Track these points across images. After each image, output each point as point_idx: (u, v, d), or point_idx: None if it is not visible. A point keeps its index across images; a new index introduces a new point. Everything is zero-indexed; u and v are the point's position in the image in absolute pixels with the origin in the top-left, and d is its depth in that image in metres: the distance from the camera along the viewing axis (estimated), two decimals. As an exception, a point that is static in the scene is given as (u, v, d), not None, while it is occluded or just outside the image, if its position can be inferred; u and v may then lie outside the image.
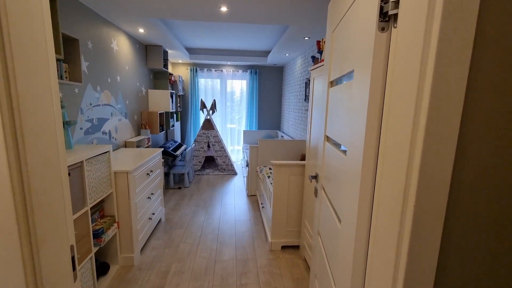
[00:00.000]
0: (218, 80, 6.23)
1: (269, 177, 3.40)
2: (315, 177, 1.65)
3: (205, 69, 6.03)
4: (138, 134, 3.82)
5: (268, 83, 6.32)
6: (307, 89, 4.12)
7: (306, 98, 4.15)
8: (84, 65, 2.42)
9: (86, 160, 1.79)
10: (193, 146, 4.85)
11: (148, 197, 2.74)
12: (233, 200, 4.01)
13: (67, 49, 1.89)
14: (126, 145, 3.36)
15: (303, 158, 3.75)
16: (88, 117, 2.50)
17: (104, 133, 2.81)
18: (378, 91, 0.77)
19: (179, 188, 4.43)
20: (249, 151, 4.09)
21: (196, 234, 2.95)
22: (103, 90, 2.78)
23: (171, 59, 5.50)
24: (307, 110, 4.18)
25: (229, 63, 5.91)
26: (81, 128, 2.39)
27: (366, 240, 0.85)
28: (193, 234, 2.94)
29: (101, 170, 2.02)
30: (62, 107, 1.87)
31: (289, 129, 5.49)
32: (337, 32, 1.27)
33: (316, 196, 1.65)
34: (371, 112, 0.79)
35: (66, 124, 1.87)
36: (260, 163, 4.09)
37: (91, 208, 2.02)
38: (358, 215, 0.85)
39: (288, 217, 2.67)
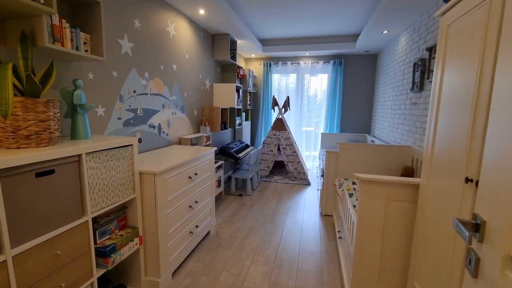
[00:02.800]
0: (294, 75, 5.47)
1: (351, 195, 2.38)
2: (476, 226, 0.66)
3: (280, 63, 5.37)
4: (198, 131, 3.45)
5: (355, 76, 5.13)
6: (417, 73, 2.86)
7: (416, 86, 2.89)
8: (127, 46, 2.09)
9: (88, 154, 1.34)
10: (259, 148, 4.23)
11: (190, 206, 2.21)
12: (301, 218, 3.13)
13: (84, 15, 1.54)
14: (180, 142, 2.99)
15: (407, 173, 2.54)
16: (130, 106, 2.17)
17: (151, 126, 2.47)
18: None
19: (240, 195, 3.86)
20: (325, 157, 3.13)
21: (245, 261, 2.24)
22: (152, 78, 2.44)
23: (243, 53, 5.09)
24: (416, 103, 2.91)
25: (307, 53, 5.06)
26: (119, 118, 2.05)
27: None
28: (241, 261, 2.24)
29: (119, 169, 1.56)
30: (76, 86, 1.49)
31: (383, 132, 4.19)
32: None
33: (475, 274, 0.67)
34: None
35: (79, 107, 1.49)
36: (339, 174, 3.07)
37: (107, 215, 1.58)
38: None
39: (381, 267, 1.63)
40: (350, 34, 4.52)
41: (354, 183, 2.76)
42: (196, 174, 2.27)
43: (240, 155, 3.98)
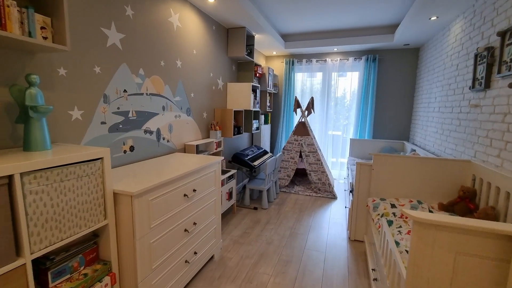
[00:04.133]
0: (320, 74, 4.91)
1: (390, 223, 1.84)
2: None
3: (304, 61, 4.85)
4: (207, 136, 3.07)
5: (392, 74, 4.46)
6: (480, 67, 2.21)
7: (479, 83, 2.24)
8: (114, 37, 1.76)
9: (27, 174, 0.98)
10: (279, 156, 3.76)
11: (186, 230, 1.82)
12: (324, 242, 2.61)
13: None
14: (185, 149, 2.63)
15: (466, 196, 1.94)
16: (118, 108, 1.83)
17: (148, 131, 2.12)
18: None
19: (255, 208, 3.42)
20: (356, 170, 2.58)
21: (251, 302, 1.79)
22: (149, 76, 2.10)
23: (263, 50, 4.66)
24: (478, 105, 2.26)
25: (335, 49, 4.49)
26: (103, 123, 1.72)
27: None
28: (246, 302, 1.80)
29: (82, 190, 1.20)
30: (30, 83, 1.16)
31: (428, 140, 3.50)
32: None
33: None
34: None
35: (32, 109, 1.15)
36: (374, 192, 2.51)
37: (68, 248, 1.22)
38: None
39: None
40: (386, 25, 3.89)
41: (393, 206, 2.19)
42: (194, 190, 1.87)
43: (256, 163, 3.54)
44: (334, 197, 3.93)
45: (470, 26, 2.52)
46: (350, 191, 3.00)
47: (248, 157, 3.59)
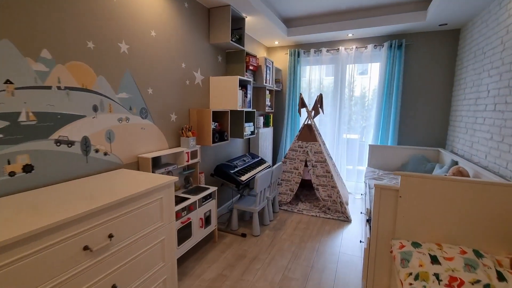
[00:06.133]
0: (331, 67, 4.10)
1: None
2: None
3: (312, 51, 4.05)
4: (177, 144, 2.39)
5: (422, 64, 3.55)
6: None
7: None
8: (-18, -4, 1.13)
9: None
10: (277, 167, 3.00)
11: (93, 301, 1.14)
12: (328, 299, 1.83)
13: None
14: (138, 163, 1.97)
15: None
16: (-5, 108, 1.20)
17: (62, 142, 1.48)
18: None
19: (243, 235, 2.69)
20: (374, 195, 1.78)
21: None
22: (63, 61, 1.45)
23: (263, 40, 3.93)
24: None
25: (350, 34, 3.67)
26: (-42, 132, 1.08)
27: None
28: None
29: None
30: None
31: (476, 149, 2.59)
32: None
33: None
34: None
35: None
36: (401, 231, 1.69)
37: None
38: None
39: None
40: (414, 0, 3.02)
41: (434, 260, 1.38)
42: (111, 236, 1.19)
43: (245, 177, 2.81)
44: (347, 220, 3.11)
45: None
46: (367, 221, 2.19)
47: (236, 169, 2.88)
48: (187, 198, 2.15)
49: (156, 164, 2.11)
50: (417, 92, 3.61)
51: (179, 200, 2.12)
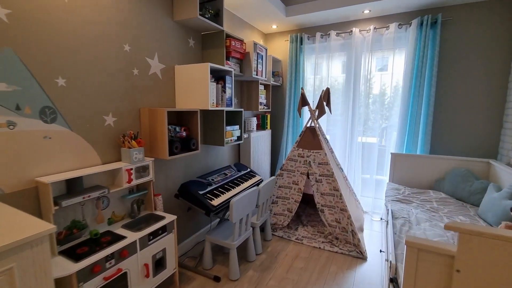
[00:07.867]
0: (343, 55, 3.30)
1: None
2: None
3: (318, 35, 3.26)
4: (117, 158, 1.72)
5: (465, 47, 2.67)
6: None
7: None
8: None
9: None
10: (267, 183, 2.27)
11: None
12: None
13: None
14: (38, 188, 1.31)
15: None
16: None
17: None
18: None
19: (216, 279, 1.98)
20: (405, 261, 1.01)
21: None
22: None
23: (257, 24, 3.21)
24: None
25: (366, 10, 2.86)
26: None
27: None
28: None
29: None
30: None
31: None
32: None
33: None
34: None
35: None
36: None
37: None
38: None
39: None
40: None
41: None
42: None
43: (220, 200, 2.09)
44: (362, 257, 2.32)
45: None
46: (391, 280, 1.40)
47: (211, 187, 2.17)
48: (120, 238, 1.48)
49: (74, 189, 1.45)
50: (457, 85, 2.74)
51: (112, 239, 1.45)
